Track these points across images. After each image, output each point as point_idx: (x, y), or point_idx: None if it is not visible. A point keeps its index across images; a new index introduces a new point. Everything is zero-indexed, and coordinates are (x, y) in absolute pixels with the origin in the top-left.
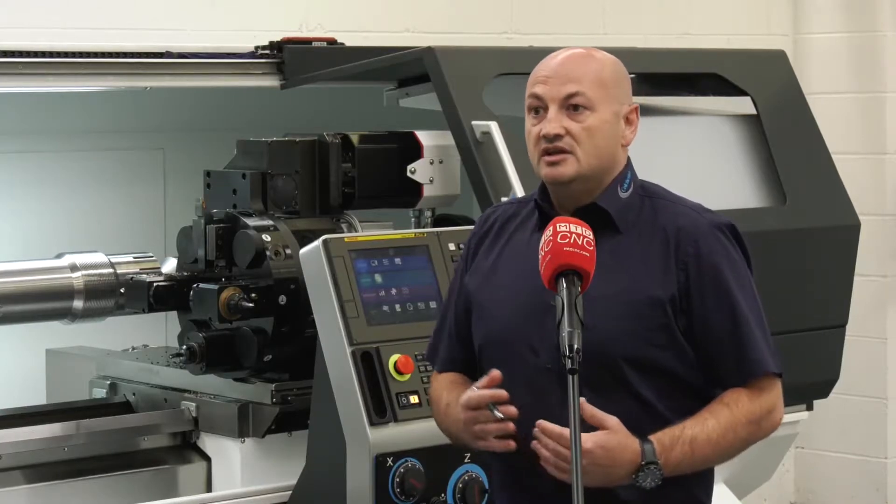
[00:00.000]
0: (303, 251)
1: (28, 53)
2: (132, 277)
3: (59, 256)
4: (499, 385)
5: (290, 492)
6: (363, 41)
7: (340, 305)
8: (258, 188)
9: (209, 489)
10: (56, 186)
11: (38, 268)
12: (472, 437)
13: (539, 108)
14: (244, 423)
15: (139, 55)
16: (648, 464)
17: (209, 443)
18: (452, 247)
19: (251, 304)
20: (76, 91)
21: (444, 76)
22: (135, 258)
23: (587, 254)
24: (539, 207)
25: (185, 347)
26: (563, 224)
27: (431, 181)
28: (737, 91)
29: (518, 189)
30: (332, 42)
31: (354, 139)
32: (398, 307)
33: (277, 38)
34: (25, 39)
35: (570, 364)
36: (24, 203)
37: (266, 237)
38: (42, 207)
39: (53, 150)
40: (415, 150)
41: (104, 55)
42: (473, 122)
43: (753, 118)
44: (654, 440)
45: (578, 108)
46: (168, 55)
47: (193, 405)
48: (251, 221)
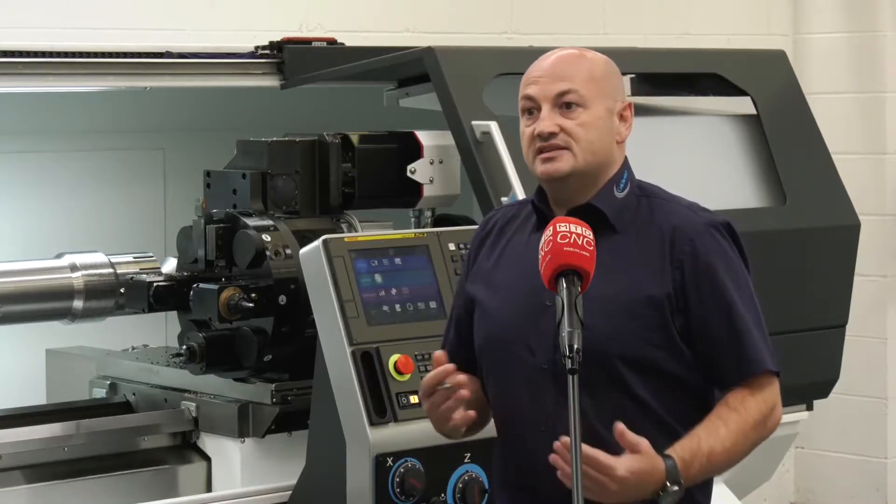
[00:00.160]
0: (303, 251)
1: (28, 53)
2: (132, 277)
3: (59, 256)
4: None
5: (290, 492)
6: (363, 41)
7: (340, 305)
8: (258, 188)
9: (209, 489)
10: (56, 186)
11: (38, 268)
12: (442, 423)
13: (532, 109)
14: (244, 423)
15: (139, 55)
16: (673, 483)
17: (209, 443)
18: (452, 247)
19: (251, 304)
20: (76, 91)
21: (444, 76)
22: (135, 258)
23: (587, 254)
24: (536, 208)
25: (185, 347)
26: (563, 224)
27: (431, 181)
28: (737, 91)
29: (518, 189)
30: (332, 42)
31: (354, 139)
32: (398, 307)
33: (277, 38)
34: (25, 39)
35: (571, 364)
36: (24, 203)
37: (266, 237)
38: (42, 207)
39: (53, 150)
40: (415, 150)
41: (104, 55)
42: (473, 122)
43: (753, 118)
44: (675, 456)
45: (571, 106)
46: (168, 55)
47: (193, 405)
48: (251, 221)
